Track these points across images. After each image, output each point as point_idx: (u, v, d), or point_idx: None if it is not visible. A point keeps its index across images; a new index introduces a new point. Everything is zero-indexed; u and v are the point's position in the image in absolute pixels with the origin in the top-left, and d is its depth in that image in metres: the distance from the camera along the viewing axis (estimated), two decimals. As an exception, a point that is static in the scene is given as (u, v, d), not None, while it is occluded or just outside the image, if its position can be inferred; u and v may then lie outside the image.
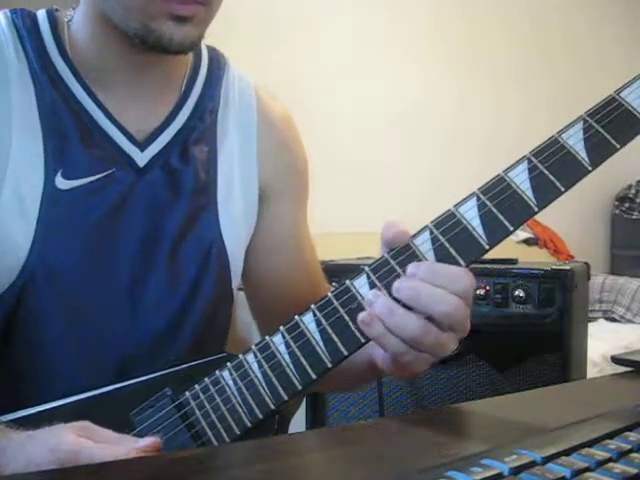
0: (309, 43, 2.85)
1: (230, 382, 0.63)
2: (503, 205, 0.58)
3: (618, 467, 0.38)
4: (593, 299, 3.08)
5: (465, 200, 0.60)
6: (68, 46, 0.77)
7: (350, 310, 0.60)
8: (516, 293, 1.28)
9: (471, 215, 0.59)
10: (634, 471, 0.38)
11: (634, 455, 0.40)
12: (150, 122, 0.79)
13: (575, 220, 3.44)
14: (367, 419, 1.33)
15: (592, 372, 1.89)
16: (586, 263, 1.40)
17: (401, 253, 0.60)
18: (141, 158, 0.77)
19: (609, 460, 0.39)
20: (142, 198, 0.76)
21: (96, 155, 0.75)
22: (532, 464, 0.39)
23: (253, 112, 0.87)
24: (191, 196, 0.79)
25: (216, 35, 0.77)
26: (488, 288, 1.30)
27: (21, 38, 0.76)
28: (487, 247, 0.59)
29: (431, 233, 0.60)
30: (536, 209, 0.58)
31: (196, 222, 0.79)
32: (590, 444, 0.42)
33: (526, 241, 3.17)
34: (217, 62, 0.86)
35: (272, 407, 0.62)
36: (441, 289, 0.57)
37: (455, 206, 0.60)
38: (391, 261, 0.60)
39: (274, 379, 0.61)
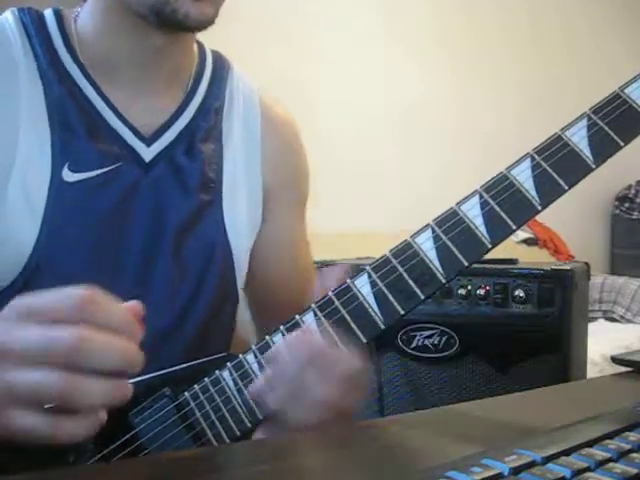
0: (309, 43, 2.85)
1: (230, 382, 0.62)
2: (506, 203, 0.58)
3: (618, 467, 0.38)
4: (593, 299, 3.07)
5: (467, 198, 0.59)
6: (75, 42, 0.78)
7: (351, 309, 0.60)
8: (516, 293, 1.28)
9: (474, 213, 0.58)
10: (634, 471, 0.38)
11: (634, 455, 0.40)
12: (156, 118, 0.80)
13: (575, 220, 3.44)
14: (367, 419, 1.33)
15: (592, 372, 1.89)
16: (586, 263, 1.39)
17: (403, 252, 0.60)
18: (147, 153, 0.78)
19: (609, 460, 0.39)
20: (148, 193, 0.76)
21: (102, 149, 0.75)
22: (532, 464, 0.39)
23: (257, 116, 0.88)
24: (196, 193, 0.80)
25: (216, 35, 0.77)
26: (488, 288, 1.30)
27: (29, 35, 0.77)
28: (490, 246, 0.58)
29: (433, 231, 0.59)
30: (539, 207, 0.58)
31: (201, 219, 0.80)
32: (590, 444, 0.42)
33: (526, 241, 3.17)
34: (221, 64, 0.88)
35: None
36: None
37: (457, 204, 0.59)
38: (392, 260, 0.60)
39: None
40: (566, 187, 0.57)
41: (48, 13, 0.80)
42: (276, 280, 0.90)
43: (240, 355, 0.63)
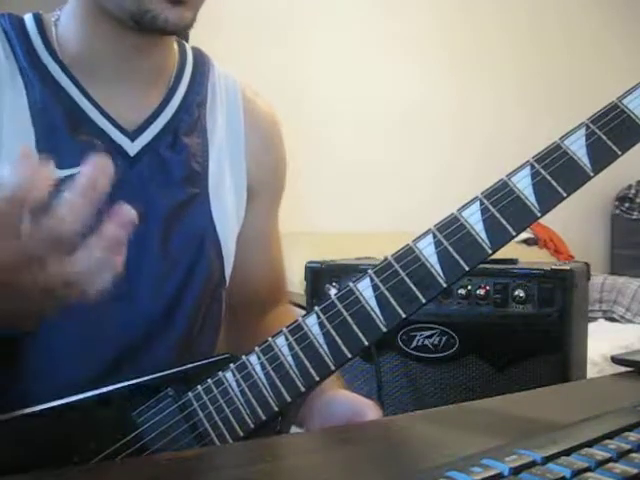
0: (309, 43, 2.85)
1: (233, 383, 0.63)
2: (506, 210, 0.59)
3: (618, 467, 0.38)
4: (593, 299, 3.07)
5: (468, 204, 0.60)
6: (56, 44, 0.79)
7: (353, 312, 0.60)
8: (516, 293, 1.28)
9: (474, 219, 0.59)
10: (634, 471, 0.38)
11: (634, 455, 0.40)
12: (139, 113, 0.81)
13: (575, 220, 3.44)
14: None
15: (592, 372, 1.89)
16: (586, 263, 1.39)
17: (404, 256, 0.60)
18: (132, 147, 0.79)
19: (609, 460, 0.39)
20: (133, 187, 0.77)
21: (87, 146, 0.76)
22: (532, 464, 0.39)
23: (240, 109, 0.89)
24: (182, 185, 0.81)
25: (216, 36, 0.77)
26: (488, 288, 1.29)
27: (9, 39, 0.78)
28: (490, 251, 0.59)
29: (434, 237, 0.60)
30: (539, 214, 0.59)
31: (187, 210, 0.81)
32: (590, 444, 0.42)
33: (526, 241, 3.17)
34: (202, 60, 0.89)
35: (275, 409, 0.62)
36: None
37: (458, 210, 0.60)
38: (394, 264, 0.60)
39: (277, 381, 0.61)
40: (565, 194, 0.58)
41: (28, 17, 0.81)
42: (250, 272, 0.92)
43: (243, 357, 0.63)
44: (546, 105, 3.45)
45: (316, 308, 0.61)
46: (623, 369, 0.74)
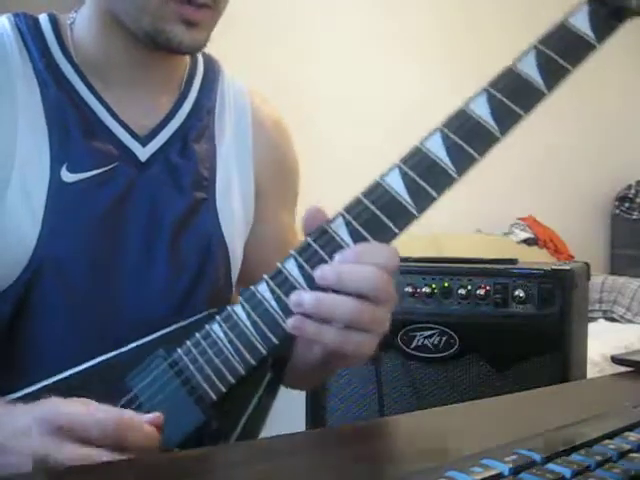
0: (309, 44, 2.85)
1: (221, 334, 0.64)
2: (467, 135, 0.61)
3: (618, 467, 0.38)
4: (593, 299, 3.07)
5: (429, 136, 0.63)
6: (71, 46, 0.80)
7: (330, 252, 0.61)
8: (516, 293, 1.28)
9: (436, 147, 0.62)
10: (634, 471, 0.38)
11: (634, 455, 0.40)
12: (151, 119, 0.81)
13: (575, 220, 3.44)
14: (367, 419, 1.33)
15: (592, 372, 1.89)
16: (586, 263, 1.40)
17: (373, 191, 0.63)
18: (143, 153, 0.79)
19: (609, 460, 0.39)
20: (144, 192, 0.78)
21: (99, 149, 0.77)
22: (532, 464, 0.39)
23: (247, 115, 0.90)
24: (190, 190, 0.81)
25: (215, 35, 0.78)
26: (488, 288, 1.30)
27: (24, 40, 0.79)
28: (456, 176, 0.60)
29: (400, 169, 0.63)
30: (499, 135, 0.61)
31: (195, 216, 0.81)
32: (590, 444, 0.42)
33: (526, 241, 3.17)
34: (212, 66, 0.90)
35: (264, 352, 0.62)
36: (360, 265, 0.59)
37: (420, 142, 0.63)
38: (364, 200, 0.62)
39: (263, 325, 0.62)
40: (522, 113, 0.61)
41: (43, 18, 0.82)
42: (260, 272, 0.91)
43: (228, 307, 0.64)
44: (546, 105, 3.45)
45: (293, 252, 0.62)
46: (623, 369, 0.75)
